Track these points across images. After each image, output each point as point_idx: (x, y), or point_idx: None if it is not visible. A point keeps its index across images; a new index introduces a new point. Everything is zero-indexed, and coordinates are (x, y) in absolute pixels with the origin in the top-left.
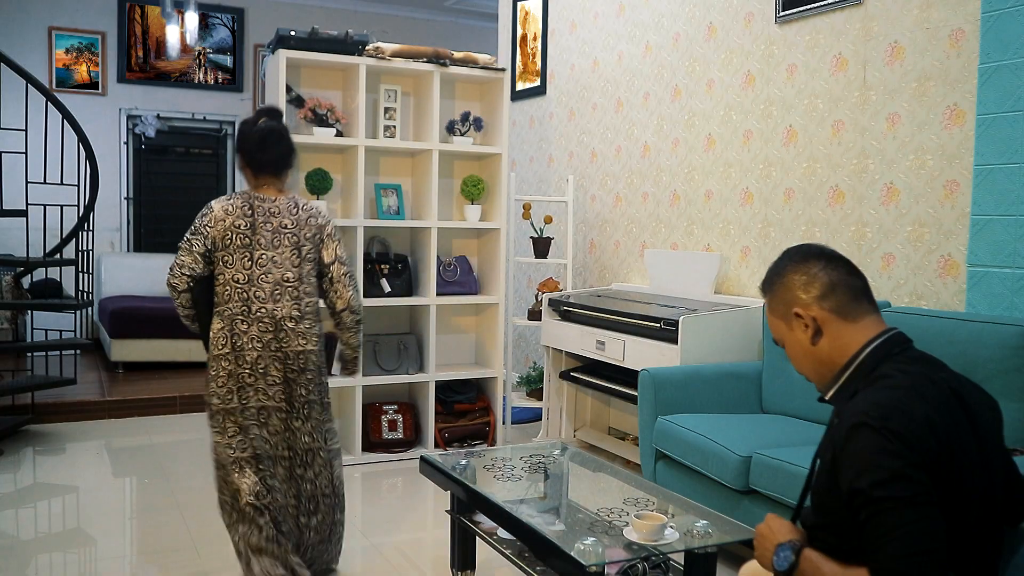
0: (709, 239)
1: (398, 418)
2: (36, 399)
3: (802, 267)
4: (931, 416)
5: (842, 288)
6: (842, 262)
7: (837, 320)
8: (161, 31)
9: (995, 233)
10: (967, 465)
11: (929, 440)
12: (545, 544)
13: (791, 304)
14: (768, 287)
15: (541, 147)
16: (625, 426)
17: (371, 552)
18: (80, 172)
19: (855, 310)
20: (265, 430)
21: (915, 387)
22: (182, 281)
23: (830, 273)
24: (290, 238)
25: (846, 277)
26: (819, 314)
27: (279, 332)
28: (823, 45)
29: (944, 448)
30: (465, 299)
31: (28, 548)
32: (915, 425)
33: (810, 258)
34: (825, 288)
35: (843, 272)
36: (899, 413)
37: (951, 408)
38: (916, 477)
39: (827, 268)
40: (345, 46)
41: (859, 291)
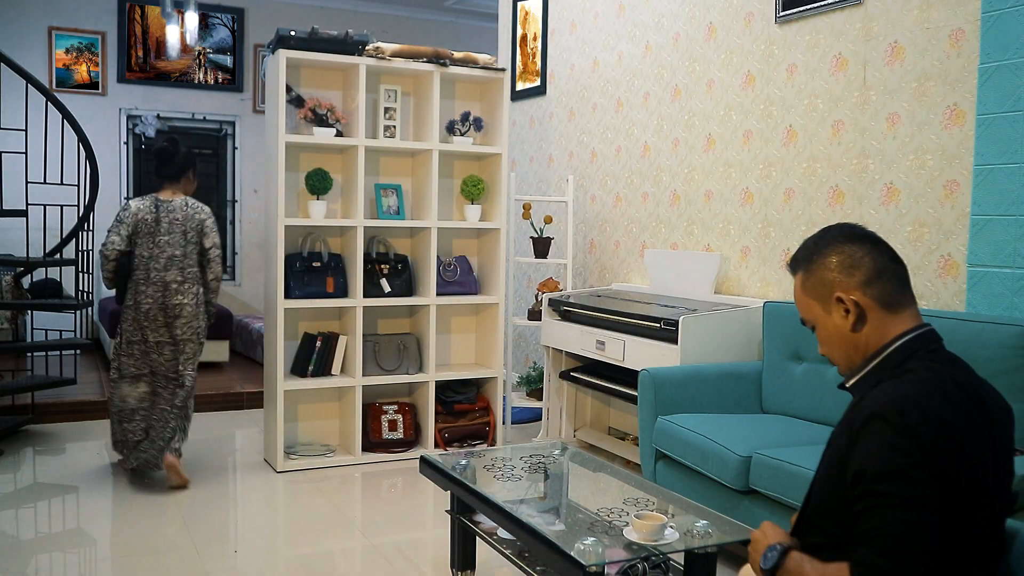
0: (709, 239)
1: (398, 418)
2: (36, 399)
3: (847, 248)
4: (948, 417)
5: (888, 275)
6: (887, 247)
7: (879, 309)
8: (161, 31)
9: (995, 233)
10: (980, 471)
11: (942, 441)
12: (545, 544)
13: (832, 287)
14: (804, 264)
15: (541, 147)
16: (625, 426)
17: (371, 552)
18: (80, 172)
19: (899, 301)
20: (160, 356)
21: (938, 386)
22: (112, 253)
23: (876, 258)
24: (179, 227)
25: (892, 264)
26: (863, 300)
27: (166, 291)
28: (823, 45)
29: (958, 451)
30: (465, 299)
31: (28, 548)
32: (931, 424)
33: (854, 239)
34: (871, 274)
35: (887, 259)
36: (917, 410)
37: (970, 412)
38: (920, 478)
39: (872, 252)
40: (345, 46)
41: (904, 280)
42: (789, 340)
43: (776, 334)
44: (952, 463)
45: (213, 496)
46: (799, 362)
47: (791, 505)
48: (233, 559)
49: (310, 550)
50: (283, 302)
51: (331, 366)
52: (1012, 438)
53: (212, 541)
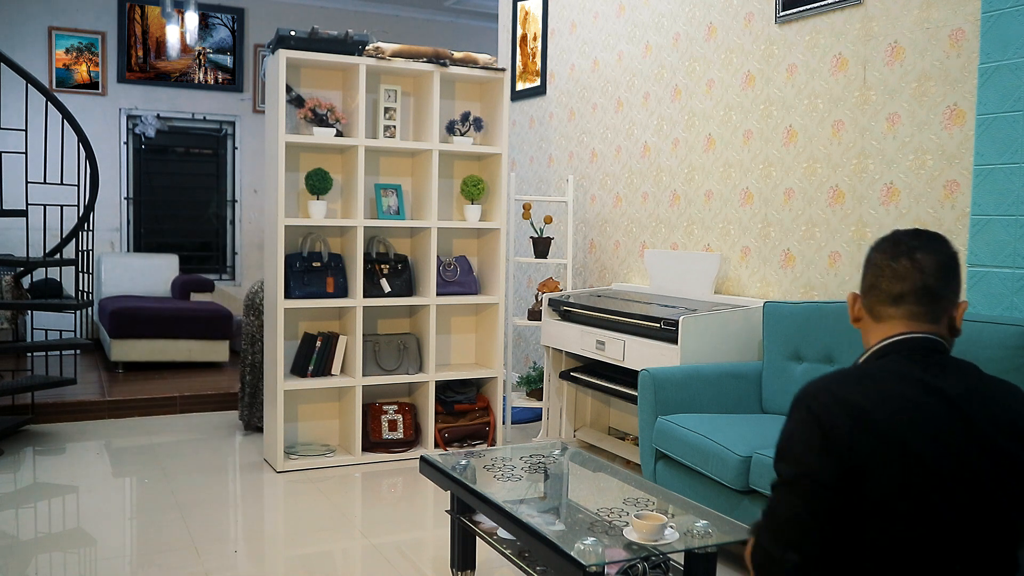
0: (709, 239)
1: (398, 418)
2: (36, 399)
3: (875, 253)
4: (866, 407)
5: (883, 288)
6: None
7: (869, 319)
8: (161, 31)
9: (995, 233)
10: (930, 464)
11: (847, 430)
12: (545, 544)
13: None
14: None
15: (541, 147)
16: (625, 426)
17: (371, 552)
18: (80, 172)
19: (884, 313)
20: None
21: (871, 378)
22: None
23: (884, 268)
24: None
25: (894, 278)
26: (859, 303)
27: None
28: (823, 45)
29: (882, 444)
30: (465, 299)
31: (28, 548)
32: (837, 411)
33: (887, 246)
34: (871, 281)
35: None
36: (828, 395)
37: (917, 408)
38: (809, 462)
39: (889, 263)
40: (345, 46)
41: (895, 297)
42: (789, 340)
43: (776, 334)
44: (866, 453)
45: (213, 496)
46: (799, 362)
47: None
48: (233, 559)
49: (310, 550)
50: (283, 302)
51: (331, 366)
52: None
53: (212, 541)
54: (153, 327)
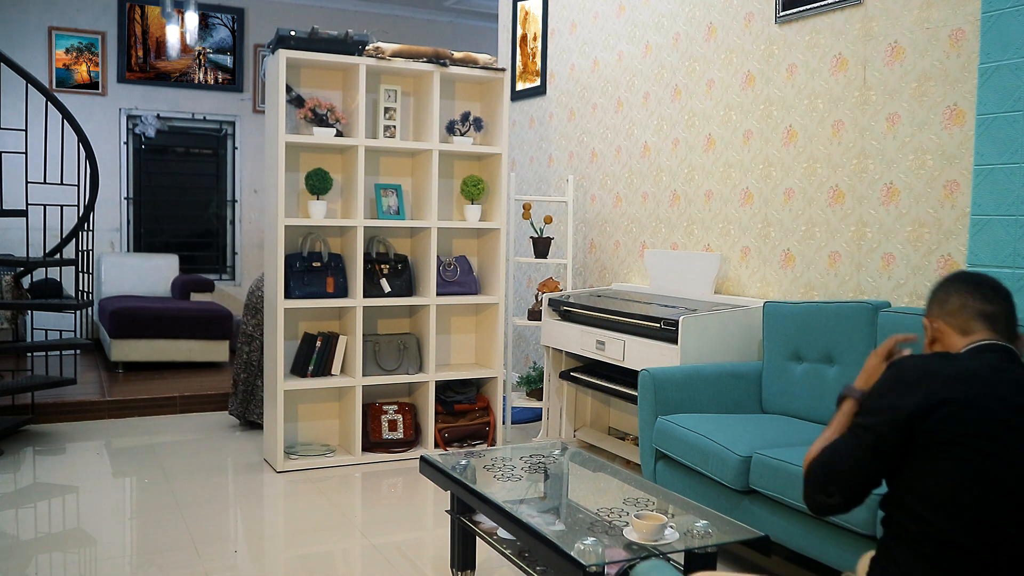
0: (709, 239)
1: (398, 418)
2: (36, 399)
3: (946, 287)
4: (942, 370)
5: (967, 310)
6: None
7: (954, 333)
8: (161, 31)
9: (995, 233)
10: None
11: (926, 382)
12: (545, 544)
13: (928, 313)
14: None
15: (541, 147)
16: (625, 426)
17: (371, 552)
18: (80, 172)
19: (970, 327)
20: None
21: (958, 358)
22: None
23: (961, 296)
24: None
25: (977, 301)
26: (939, 324)
27: None
28: (823, 45)
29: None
30: (465, 299)
31: (28, 548)
32: (919, 369)
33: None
34: (954, 307)
35: (978, 297)
36: (913, 360)
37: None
38: (884, 405)
39: (961, 292)
40: (345, 46)
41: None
42: (789, 340)
43: (776, 334)
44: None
45: (213, 496)
46: (799, 362)
47: (791, 505)
48: (233, 559)
49: (310, 550)
50: (283, 302)
51: (331, 366)
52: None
53: (212, 541)
54: (153, 327)
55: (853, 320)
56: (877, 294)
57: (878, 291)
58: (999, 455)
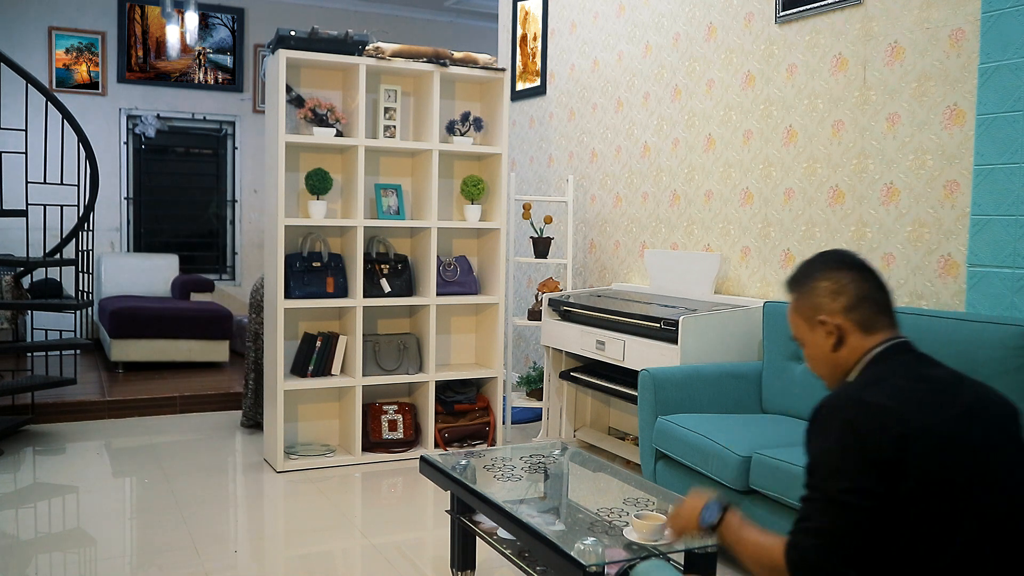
0: (709, 239)
1: (398, 418)
2: (36, 399)
3: (834, 275)
4: (889, 406)
5: (869, 302)
6: (872, 275)
7: (859, 332)
8: (161, 31)
9: (995, 233)
10: (950, 461)
11: (883, 434)
12: (545, 544)
13: (817, 310)
14: (796, 287)
15: (541, 147)
16: (625, 426)
17: (371, 552)
18: (80, 172)
19: (875, 324)
20: None
21: (886, 379)
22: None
23: (860, 285)
24: None
25: (875, 292)
26: (844, 324)
27: None
28: (823, 45)
29: (904, 440)
30: (465, 299)
31: (28, 548)
32: (870, 417)
33: (842, 267)
34: (853, 300)
35: (872, 286)
36: (858, 404)
37: (933, 399)
38: (855, 473)
39: (857, 280)
40: (345, 46)
41: (883, 305)
42: (789, 340)
43: (776, 334)
44: (894, 454)
45: (213, 496)
46: (799, 362)
47: (791, 505)
48: (233, 559)
49: (310, 550)
50: (283, 302)
51: (331, 366)
52: (1015, 424)
53: (212, 541)
54: (153, 327)
55: None
56: None
57: None
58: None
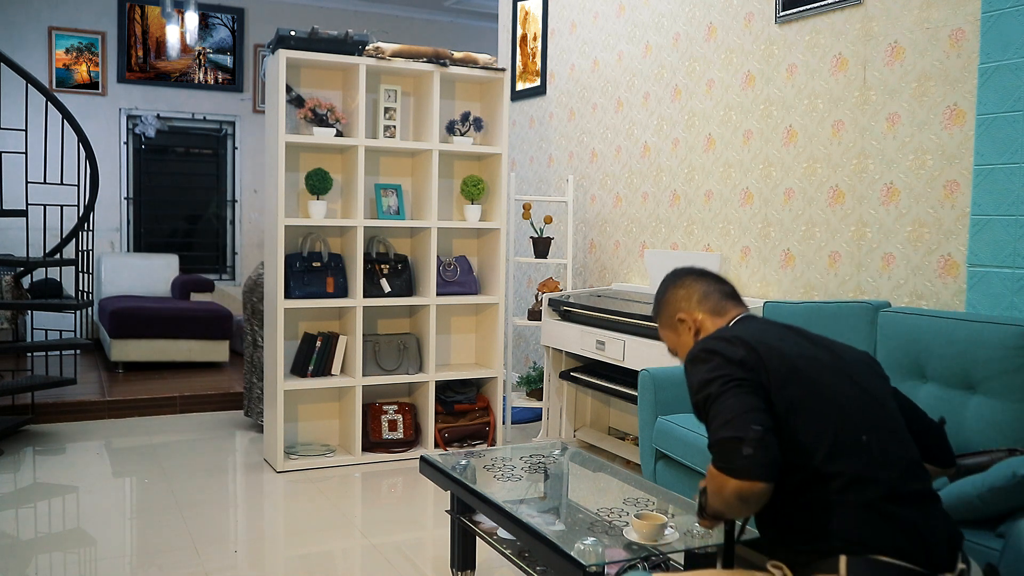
0: (709, 239)
1: (398, 418)
2: (36, 399)
3: (678, 282)
4: (743, 337)
5: (714, 293)
6: (709, 274)
7: (712, 317)
8: (161, 31)
9: (995, 233)
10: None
11: (739, 348)
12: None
13: (675, 312)
14: (656, 310)
15: (541, 147)
16: (625, 426)
17: (371, 552)
18: (80, 172)
19: (724, 307)
20: None
21: (735, 327)
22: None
23: (701, 282)
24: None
25: (716, 284)
26: (698, 315)
27: None
28: (823, 45)
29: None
30: (465, 299)
31: (28, 548)
32: (724, 341)
33: (682, 276)
34: (700, 295)
35: (712, 280)
36: (712, 339)
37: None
38: (723, 373)
39: (698, 279)
40: (345, 46)
41: (727, 293)
42: None
43: None
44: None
45: (213, 496)
46: None
47: None
48: (233, 559)
49: (310, 550)
50: (283, 302)
51: (331, 366)
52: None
53: (212, 541)
54: (153, 327)
55: (853, 320)
56: (877, 294)
57: (878, 291)
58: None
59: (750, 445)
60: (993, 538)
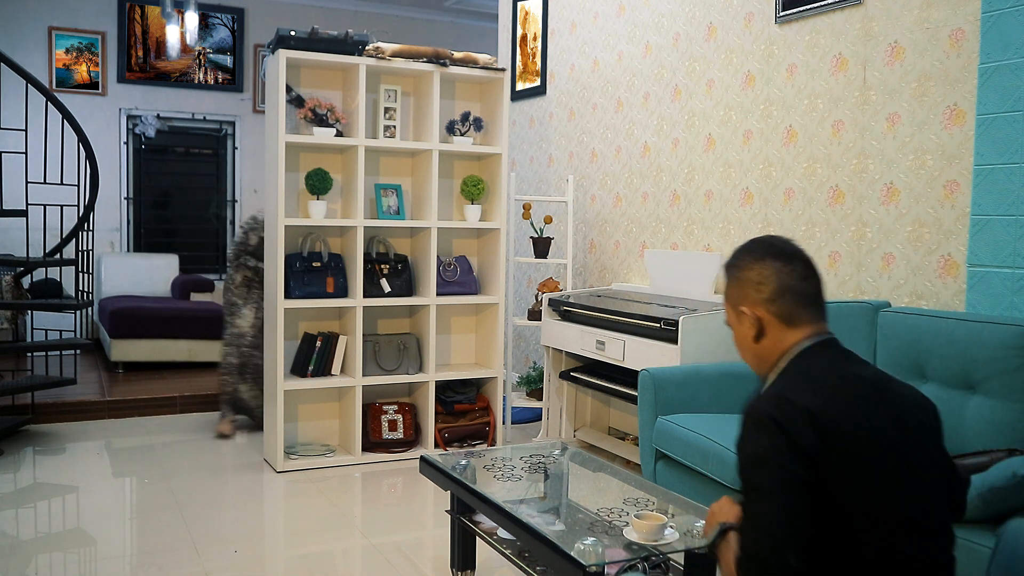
0: (709, 239)
1: (398, 418)
2: (36, 399)
3: (759, 265)
4: (812, 408)
5: (791, 294)
6: (800, 263)
7: (779, 324)
8: (161, 31)
9: (995, 233)
10: (877, 453)
11: (808, 431)
12: (545, 544)
13: (741, 299)
14: (728, 272)
15: (541, 147)
16: (625, 426)
17: (371, 552)
18: (80, 172)
19: (798, 317)
20: None
21: (807, 379)
22: None
23: (783, 277)
24: None
25: (799, 283)
26: (764, 316)
27: None
28: (823, 45)
29: (833, 439)
30: (465, 299)
31: (28, 548)
32: (794, 416)
33: (768, 256)
34: (774, 293)
35: (798, 277)
36: (782, 404)
37: (860, 401)
38: (782, 463)
39: (782, 271)
40: (345, 46)
41: (807, 298)
42: None
43: None
44: (822, 450)
45: (213, 496)
46: None
47: None
48: (233, 559)
49: (310, 550)
50: (283, 302)
51: (331, 366)
52: (933, 430)
53: (212, 541)
54: (153, 327)
55: (853, 320)
56: (877, 294)
57: (878, 291)
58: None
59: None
60: (993, 538)
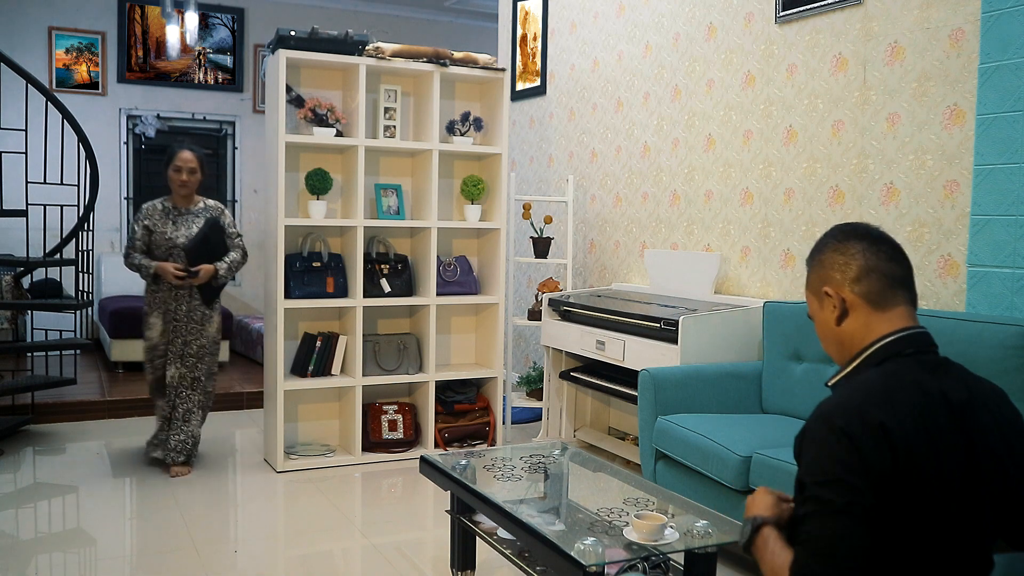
0: (709, 239)
1: (398, 418)
2: (36, 399)
3: (842, 246)
4: (889, 424)
5: (877, 274)
6: (887, 245)
7: (866, 306)
8: (161, 31)
9: (995, 233)
10: (942, 478)
11: (881, 450)
12: (545, 544)
13: (824, 282)
14: (809, 261)
15: (541, 147)
16: (625, 426)
17: (371, 552)
18: (80, 172)
19: (886, 299)
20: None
21: (888, 392)
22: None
23: (868, 257)
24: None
25: (885, 263)
26: (848, 296)
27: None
28: (823, 45)
29: (904, 459)
30: (465, 299)
31: (28, 548)
32: (868, 432)
33: (852, 238)
34: (859, 271)
35: (884, 258)
36: (857, 417)
37: (931, 420)
38: (854, 484)
39: (867, 251)
40: (345, 46)
41: (896, 280)
42: (789, 340)
43: (776, 334)
44: (897, 470)
45: (213, 496)
46: (799, 362)
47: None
48: (233, 559)
49: (310, 550)
50: (283, 302)
51: (331, 366)
52: (1015, 448)
53: (212, 541)
54: None
55: None
56: None
57: None
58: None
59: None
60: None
